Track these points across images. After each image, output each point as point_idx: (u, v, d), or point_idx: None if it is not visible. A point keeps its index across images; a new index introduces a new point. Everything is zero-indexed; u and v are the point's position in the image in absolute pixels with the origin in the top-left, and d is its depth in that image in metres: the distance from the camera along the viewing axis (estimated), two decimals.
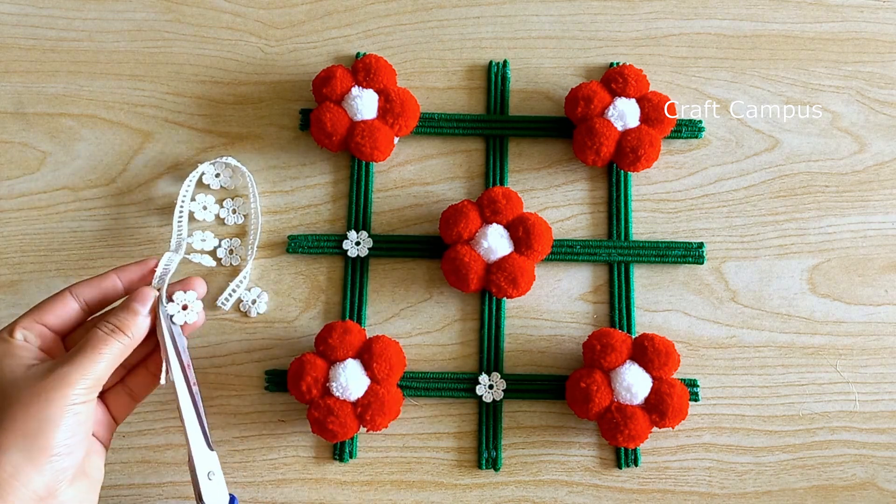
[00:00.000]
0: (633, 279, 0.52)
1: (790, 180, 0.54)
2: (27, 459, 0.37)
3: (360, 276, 0.52)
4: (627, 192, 0.53)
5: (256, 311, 0.52)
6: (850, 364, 0.51)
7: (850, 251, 0.53)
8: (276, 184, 0.54)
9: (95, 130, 0.55)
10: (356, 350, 0.48)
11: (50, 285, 0.52)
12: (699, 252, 0.52)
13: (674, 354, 0.48)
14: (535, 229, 0.49)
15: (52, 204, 0.53)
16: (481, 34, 0.57)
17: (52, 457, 0.37)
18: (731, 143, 0.55)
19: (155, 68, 0.56)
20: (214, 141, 0.55)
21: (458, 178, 0.54)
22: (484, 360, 0.51)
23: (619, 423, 0.46)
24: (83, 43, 0.56)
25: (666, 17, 0.57)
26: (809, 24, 0.57)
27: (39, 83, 0.55)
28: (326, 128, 0.51)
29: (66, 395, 0.38)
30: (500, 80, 0.56)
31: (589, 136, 0.51)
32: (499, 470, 0.50)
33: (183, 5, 0.57)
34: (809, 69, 0.56)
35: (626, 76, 0.52)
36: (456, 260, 0.49)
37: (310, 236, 0.53)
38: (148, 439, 0.50)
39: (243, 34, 0.57)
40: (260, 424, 0.50)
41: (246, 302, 0.52)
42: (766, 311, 0.52)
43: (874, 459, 0.50)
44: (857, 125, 0.55)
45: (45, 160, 0.54)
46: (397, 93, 0.52)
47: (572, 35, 0.57)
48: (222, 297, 0.51)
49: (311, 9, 0.57)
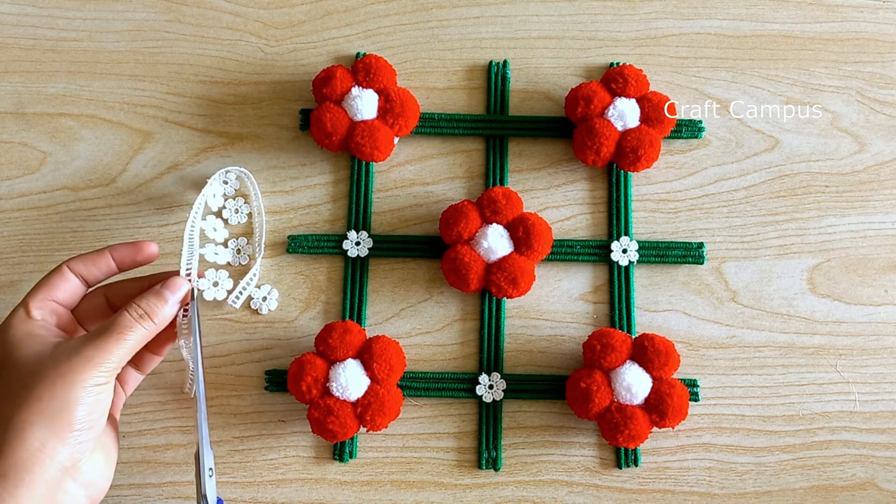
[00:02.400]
0: (633, 279, 0.52)
1: (790, 180, 0.54)
2: (52, 434, 0.39)
3: (360, 276, 0.52)
4: (627, 192, 0.53)
5: (268, 307, 0.52)
6: (850, 364, 0.51)
7: (851, 251, 0.53)
8: (276, 184, 0.54)
9: (95, 130, 0.55)
10: (356, 350, 0.48)
11: None
12: (699, 252, 0.52)
13: (674, 354, 0.48)
14: (535, 229, 0.49)
15: (52, 204, 0.53)
16: (481, 34, 0.57)
17: (74, 431, 0.39)
18: (731, 143, 0.55)
19: (155, 68, 0.56)
20: (214, 141, 0.55)
21: (458, 178, 0.54)
22: (484, 360, 0.51)
23: (619, 424, 0.46)
24: (83, 43, 0.56)
25: (666, 17, 0.57)
26: (809, 24, 0.57)
27: (39, 83, 0.55)
28: (326, 128, 0.51)
29: (91, 377, 0.40)
30: (500, 80, 0.56)
31: (589, 136, 0.51)
32: (499, 470, 0.50)
33: (183, 5, 0.57)
34: (809, 69, 0.56)
35: (626, 76, 0.52)
36: (456, 260, 0.49)
37: (310, 236, 0.53)
38: (147, 439, 0.50)
39: (243, 34, 0.57)
40: (260, 424, 0.50)
41: (257, 300, 0.52)
42: (767, 311, 0.52)
43: (874, 459, 0.50)
44: (858, 125, 0.55)
45: (45, 160, 0.54)
46: (397, 93, 0.52)
47: (572, 35, 0.57)
48: (233, 296, 0.51)
49: (311, 9, 0.57)
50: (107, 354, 0.41)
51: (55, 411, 0.39)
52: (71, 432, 0.39)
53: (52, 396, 0.39)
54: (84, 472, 0.41)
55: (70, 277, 0.45)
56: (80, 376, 0.40)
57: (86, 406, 0.40)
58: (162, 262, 0.52)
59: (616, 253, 0.52)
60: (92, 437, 0.40)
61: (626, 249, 0.52)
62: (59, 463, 0.39)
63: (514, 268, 0.48)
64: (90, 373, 0.40)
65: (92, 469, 0.41)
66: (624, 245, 0.52)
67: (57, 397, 0.39)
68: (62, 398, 0.39)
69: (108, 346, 0.41)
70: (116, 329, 0.42)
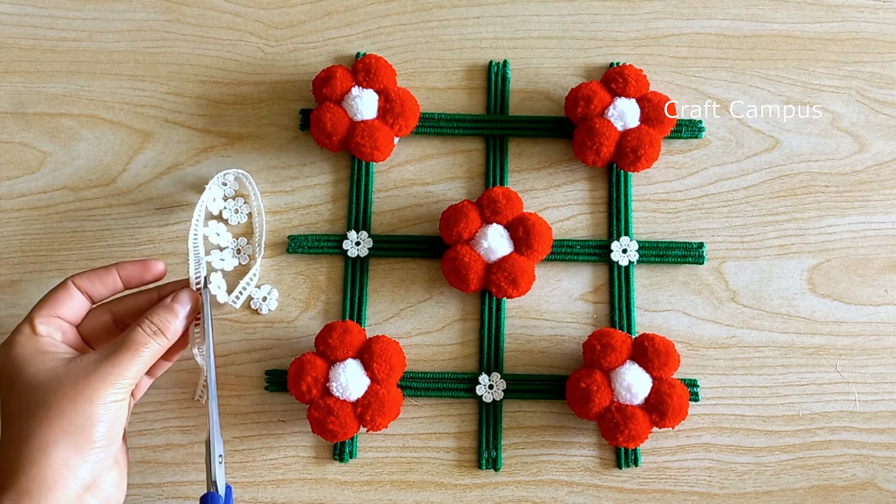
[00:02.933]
0: (633, 279, 0.52)
1: (790, 180, 0.54)
2: (75, 451, 0.39)
3: (360, 276, 0.52)
4: (627, 192, 0.53)
5: (268, 307, 0.52)
6: (850, 364, 0.51)
7: (850, 251, 0.53)
8: (276, 184, 0.54)
9: (95, 130, 0.55)
10: (356, 350, 0.48)
11: (50, 285, 0.51)
12: (699, 252, 0.52)
13: (674, 354, 0.48)
14: (535, 229, 0.49)
15: (52, 204, 0.53)
16: (481, 34, 0.57)
17: (94, 448, 0.40)
18: (731, 143, 0.55)
19: (155, 68, 0.56)
20: (214, 141, 0.55)
21: (459, 178, 0.54)
22: (484, 360, 0.51)
23: (619, 424, 0.46)
24: (83, 43, 0.56)
25: (666, 17, 0.57)
26: (809, 24, 0.57)
27: (39, 83, 0.55)
28: (326, 128, 0.51)
29: (108, 394, 0.41)
30: (500, 81, 0.56)
31: (589, 136, 0.51)
32: (499, 470, 0.50)
33: (183, 5, 0.57)
34: (809, 69, 0.56)
35: (626, 76, 0.52)
36: (456, 260, 0.49)
37: (310, 236, 0.53)
38: (147, 439, 0.50)
39: (243, 34, 0.57)
40: (260, 424, 0.50)
41: (257, 299, 0.52)
42: (767, 311, 0.52)
43: (874, 459, 0.50)
44: (857, 125, 0.55)
45: (46, 160, 0.54)
46: (397, 93, 0.52)
47: (572, 35, 0.57)
48: (232, 296, 0.51)
49: (311, 9, 0.57)
50: (123, 371, 0.41)
51: (76, 429, 0.39)
52: (92, 449, 0.40)
53: (73, 414, 0.40)
54: (102, 487, 0.41)
55: (75, 294, 0.44)
56: (98, 393, 0.40)
57: (105, 423, 0.40)
58: (169, 260, 0.52)
59: (616, 253, 0.52)
60: (111, 454, 0.41)
61: (626, 249, 0.52)
62: (80, 480, 0.40)
63: (514, 268, 0.48)
64: (108, 390, 0.41)
65: (109, 484, 0.42)
66: (624, 245, 0.52)
67: (78, 414, 0.40)
68: (83, 415, 0.40)
69: (124, 362, 0.41)
70: (131, 346, 0.42)
